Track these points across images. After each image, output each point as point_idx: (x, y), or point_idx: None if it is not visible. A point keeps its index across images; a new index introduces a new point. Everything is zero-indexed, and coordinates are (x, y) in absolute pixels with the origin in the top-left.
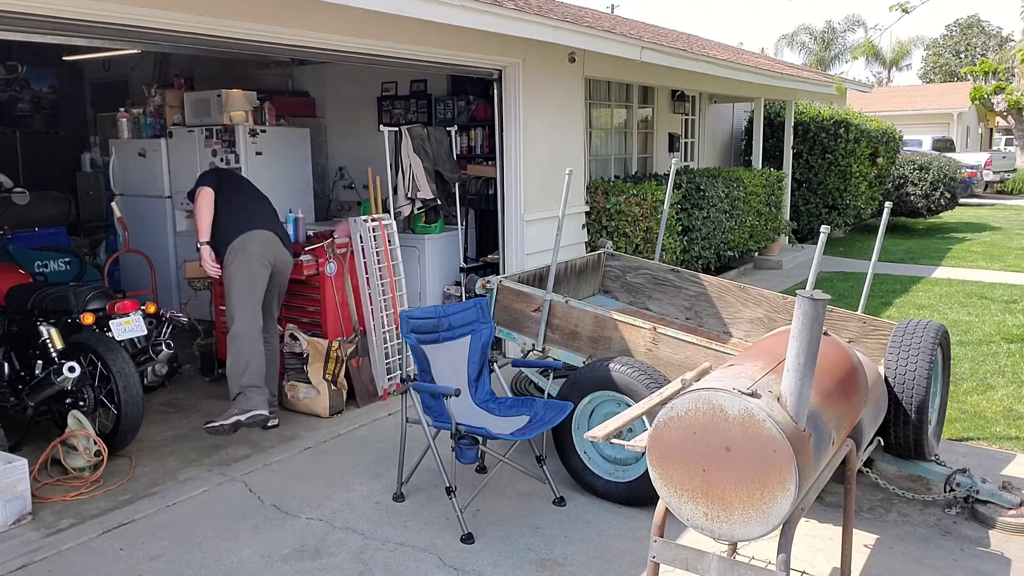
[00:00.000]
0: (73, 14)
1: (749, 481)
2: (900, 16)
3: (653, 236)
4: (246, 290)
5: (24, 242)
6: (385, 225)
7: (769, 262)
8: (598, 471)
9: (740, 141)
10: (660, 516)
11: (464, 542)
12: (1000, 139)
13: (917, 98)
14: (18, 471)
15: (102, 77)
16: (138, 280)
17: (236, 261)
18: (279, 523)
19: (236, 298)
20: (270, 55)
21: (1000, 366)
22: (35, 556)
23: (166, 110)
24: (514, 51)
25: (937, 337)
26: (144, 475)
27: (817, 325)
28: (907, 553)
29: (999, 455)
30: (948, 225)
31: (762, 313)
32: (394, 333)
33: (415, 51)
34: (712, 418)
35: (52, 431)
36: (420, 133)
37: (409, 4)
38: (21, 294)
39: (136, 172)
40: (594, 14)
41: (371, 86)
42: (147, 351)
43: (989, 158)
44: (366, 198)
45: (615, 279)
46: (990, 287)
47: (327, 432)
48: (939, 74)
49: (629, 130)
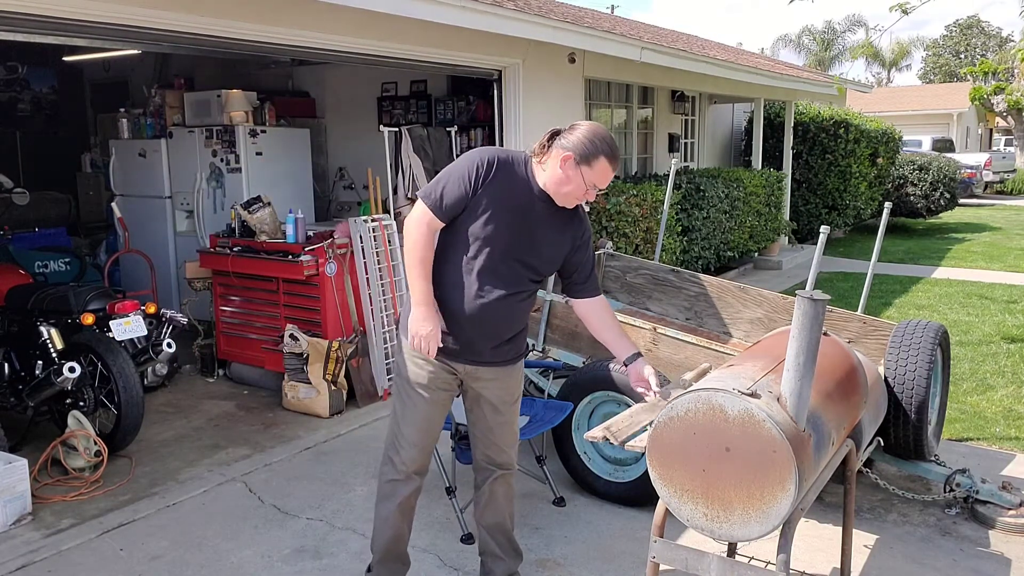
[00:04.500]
0: (73, 14)
1: (749, 481)
2: (900, 17)
3: (653, 236)
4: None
5: (24, 242)
6: (385, 225)
7: (769, 262)
8: (598, 471)
9: (740, 141)
10: (660, 516)
11: (464, 542)
12: (1000, 139)
13: (917, 98)
14: (18, 471)
15: (102, 77)
16: (138, 280)
17: None
18: (279, 523)
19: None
20: (270, 55)
21: (1000, 366)
22: (35, 556)
23: (166, 110)
24: (514, 51)
25: (937, 337)
26: (144, 475)
27: (817, 325)
28: (907, 553)
29: (999, 455)
30: (948, 225)
31: (762, 313)
32: (394, 333)
33: (415, 51)
34: (712, 418)
35: (52, 431)
36: (420, 133)
37: (409, 4)
38: (21, 294)
39: (136, 172)
40: (594, 14)
41: (371, 86)
42: (147, 351)
43: (989, 158)
44: (366, 198)
45: (615, 279)
46: (990, 287)
47: (327, 432)
48: (939, 74)
49: (629, 130)
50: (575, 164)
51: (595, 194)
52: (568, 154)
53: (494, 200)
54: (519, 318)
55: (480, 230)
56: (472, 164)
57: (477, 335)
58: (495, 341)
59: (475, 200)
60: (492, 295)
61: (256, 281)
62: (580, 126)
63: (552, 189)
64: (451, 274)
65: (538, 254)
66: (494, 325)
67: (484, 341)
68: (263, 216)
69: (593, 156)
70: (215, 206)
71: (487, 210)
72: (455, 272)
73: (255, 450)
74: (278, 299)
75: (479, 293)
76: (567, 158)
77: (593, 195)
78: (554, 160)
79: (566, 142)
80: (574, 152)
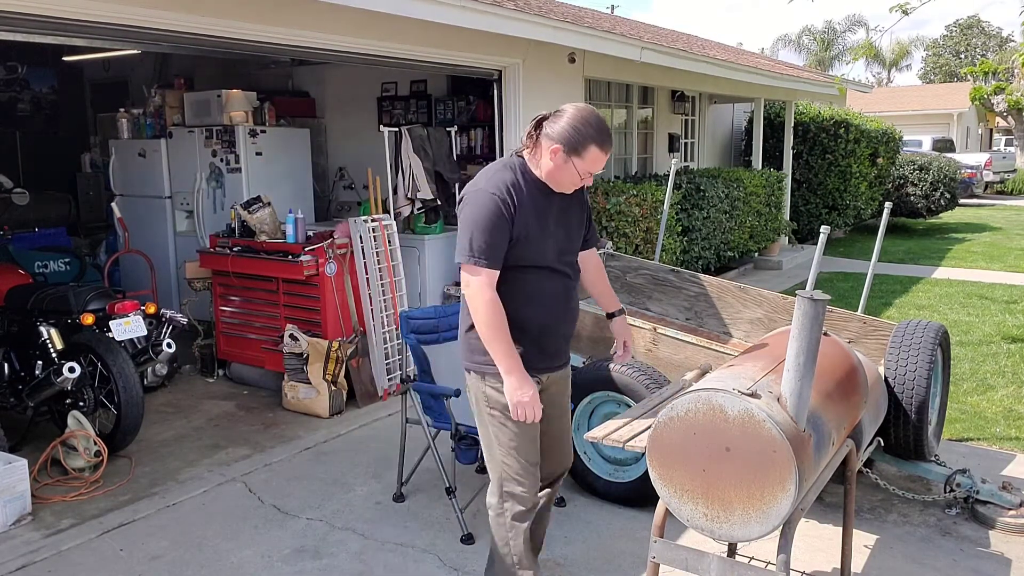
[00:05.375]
0: (73, 14)
1: (749, 481)
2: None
3: (653, 236)
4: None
5: (24, 242)
6: (385, 225)
7: (769, 262)
8: (598, 471)
9: (740, 141)
10: (660, 516)
11: (464, 542)
12: (1000, 139)
13: (917, 98)
14: (18, 471)
15: (102, 77)
16: (138, 280)
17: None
18: (279, 523)
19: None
20: (270, 55)
21: (1000, 366)
22: (35, 556)
23: (166, 110)
24: (514, 51)
25: (937, 337)
26: (144, 475)
27: (817, 325)
28: (907, 553)
29: (999, 455)
30: (948, 225)
31: (762, 313)
32: (394, 333)
33: (415, 51)
34: (712, 418)
35: (52, 431)
36: (420, 133)
37: (409, 4)
38: (21, 294)
39: (136, 172)
40: (594, 14)
41: (371, 86)
42: (147, 351)
43: (989, 158)
44: (366, 198)
45: (615, 279)
46: (990, 287)
47: (327, 432)
48: (939, 74)
49: (629, 130)
50: (565, 156)
51: (592, 178)
52: (557, 146)
53: (524, 222)
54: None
55: (528, 249)
56: (497, 207)
57: (563, 335)
58: (571, 331)
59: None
60: (561, 289)
61: (256, 281)
62: (565, 112)
63: (549, 180)
64: (520, 293)
65: (573, 236)
66: (572, 314)
67: (566, 339)
68: (263, 216)
69: (582, 145)
70: (215, 206)
71: (524, 231)
72: (523, 290)
73: (255, 450)
74: (278, 299)
75: (552, 295)
76: (556, 150)
77: (591, 180)
78: (545, 152)
79: (552, 132)
80: (562, 144)
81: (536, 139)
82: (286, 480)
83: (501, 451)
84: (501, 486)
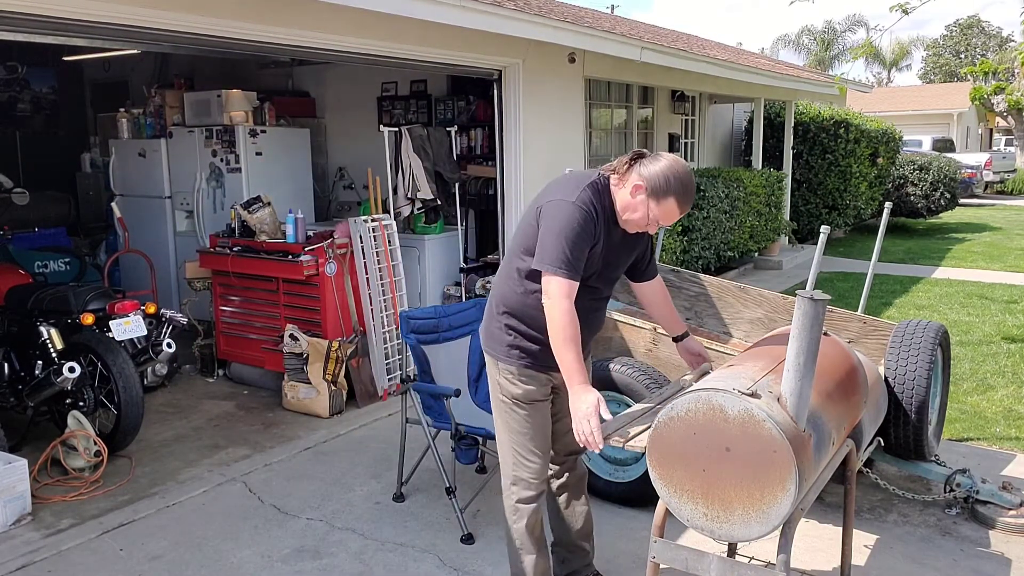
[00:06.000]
0: (73, 14)
1: (749, 481)
2: (900, 17)
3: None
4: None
5: (24, 242)
6: (385, 225)
7: (769, 262)
8: (598, 471)
9: (740, 141)
10: (660, 516)
11: (464, 542)
12: (1000, 139)
13: (917, 98)
14: (18, 471)
15: (102, 77)
16: (138, 280)
17: None
18: (279, 523)
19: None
20: (270, 55)
21: (1000, 366)
22: (35, 556)
23: (166, 110)
24: (514, 51)
25: (937, 337)
26: (144, 475)
27: (817, 325)
28: (907, 553)
29: (999, 455)
30: (948, 225)
31: (762, 313)
32: (394, 333)
33: (415, 51)
34: (712, 418)
35: (52, 431)
36: (420, 133)
37: (409, 4)
38: (21, 294)
39: (136, 172)
40: (594, 14)
41: (371, 86)
42: (147, 351)
43: (989, 158)
44: (366, 198)
45: None
46: (990, 287)
47: (327, 432)
48: (939, 74)
49: (629, 130)
50: (645, 196)
51: (656, 229)
52: (641, 184)
53: (598, 244)
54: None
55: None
56: (587, 221)
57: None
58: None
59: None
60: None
61: (256, 281)
62: (663, 158)
63: (621, 211)
64: None
65: (618, 267)
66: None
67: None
68: (263, 216)
69: (664, 193)
70: (215, 206)
71: (596, 252)
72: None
73: (255, 450)
74: (278, 299)
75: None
76: (639, 187)
77: (655, 229)
78: (629, 185)
79: (645, 171)
80: (647, 184)
81: (628, 170)
82: (286, 480)
83: (511, 437)
84: (511, 470)
